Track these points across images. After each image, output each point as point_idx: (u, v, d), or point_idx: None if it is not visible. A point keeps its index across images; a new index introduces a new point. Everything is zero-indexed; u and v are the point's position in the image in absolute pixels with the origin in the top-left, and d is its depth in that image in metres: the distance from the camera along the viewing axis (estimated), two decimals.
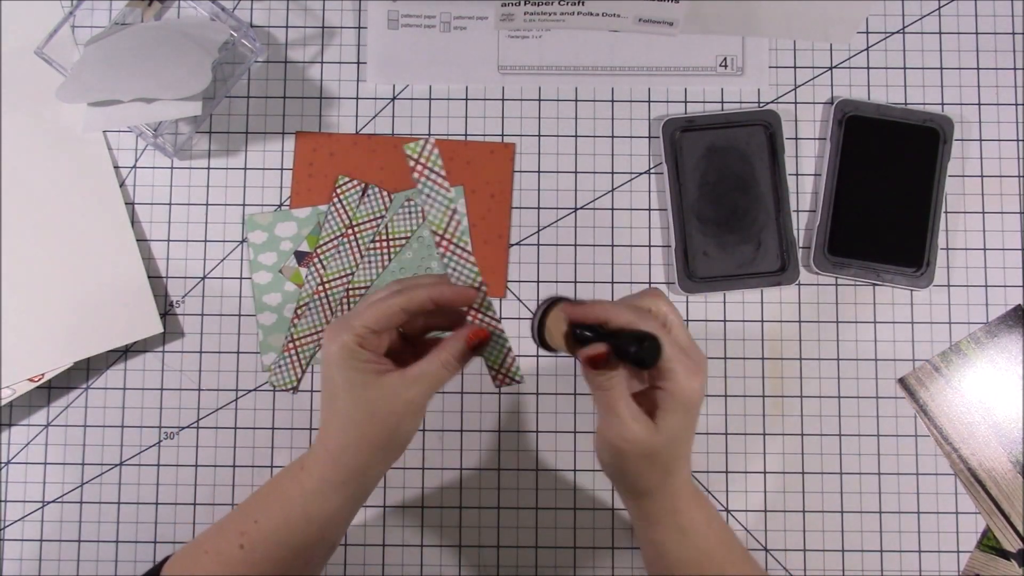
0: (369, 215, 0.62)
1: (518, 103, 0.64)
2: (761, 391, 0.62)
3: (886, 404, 0.62)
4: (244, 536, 0.45)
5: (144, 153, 0.64)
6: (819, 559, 0.61)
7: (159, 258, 0.63)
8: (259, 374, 0.62)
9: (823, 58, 0.64)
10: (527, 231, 0.63)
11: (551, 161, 0.64)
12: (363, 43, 0.64)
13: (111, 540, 0.61)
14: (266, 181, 0.63)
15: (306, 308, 0.62)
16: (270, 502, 0.46)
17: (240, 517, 0.47)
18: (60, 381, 0.62)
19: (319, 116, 0.64)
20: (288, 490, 0.45)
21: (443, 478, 0.61)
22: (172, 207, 0.63)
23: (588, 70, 0.64)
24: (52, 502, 0.62)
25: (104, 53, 0.59)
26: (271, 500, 0.46)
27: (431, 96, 0.64)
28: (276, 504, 0.46)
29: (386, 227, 0.62)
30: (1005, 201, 0.63)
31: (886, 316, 0.62)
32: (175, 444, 0.62)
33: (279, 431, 0.62)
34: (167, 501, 0.61)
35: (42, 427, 0.62)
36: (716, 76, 0.64)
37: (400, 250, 0.62)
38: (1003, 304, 0.62)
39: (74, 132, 0.63)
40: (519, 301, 0.62)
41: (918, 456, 0.61)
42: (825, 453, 0.61)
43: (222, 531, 0.47)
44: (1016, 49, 0.64)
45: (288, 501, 0.45)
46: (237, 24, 0.61)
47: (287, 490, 0.46)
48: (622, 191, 0.63)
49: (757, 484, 0.61)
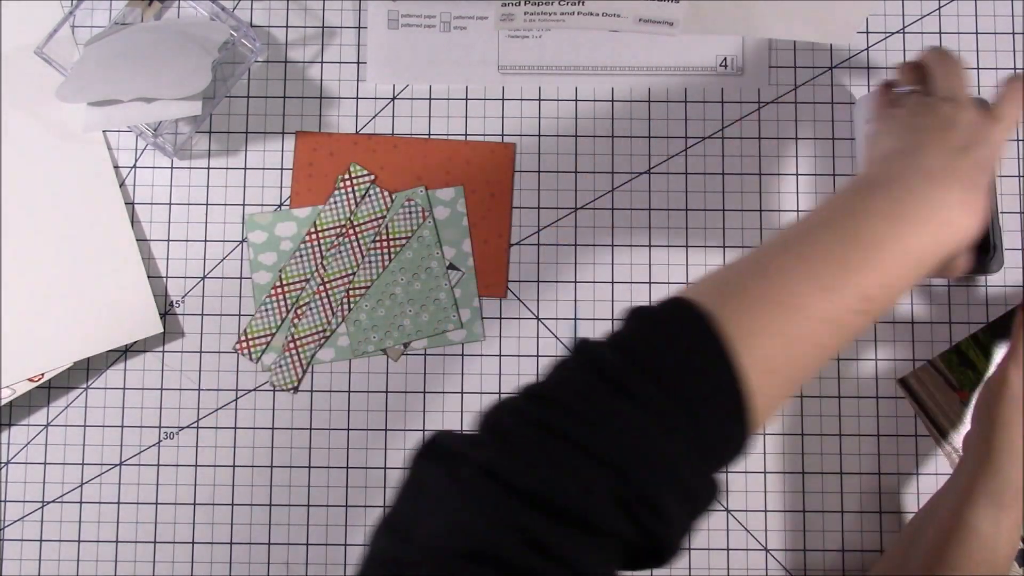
0: (370, 215, 0.62)
1: (518, 103, 0.64)
2: None
3: (886, 404, 0.62)
4: (869, 302, 0.38)
5: (144, 153, 0.64)
6: (819, 559, 0.61)
7: (159, 258, 0.63)
8: (259, 374, 0.62)
9: (823, 58, 0.64)
10: (527, 231, 0.63)
11: (551, 161, 0.64)
12: (363, 43, 0.64)
13: (111, 540, 0.61)
14: (266, 181, 0.63)
15: (306, 308, 0.62)
16: (895, 262, 0.39)
17: (856, 277, 0.38)
18: (60, 381, 0.62)
19: (319, 116, 0.64)
20: (916, 252, 0.40)
21: None
22: (172, 207, 0.63)
23: (588, 70, 0.64)
24: (52, 502, 0.62)
25: (104, 53, 0.59)
26: (895, 259, 0.39)
27: (431, 96, 0.64)
28: (906, 266, 0.40)
29: (387, 227, 0.62)
30: (1005, 201, 0.63)
31: (886, 316, 0.62)
32: (175, 444, 0.62)
33: (279, 431, 0.62)
34: (167, 501, 0.61)
35: (42, 427, 0.62)
36: (716, 76, 0.64)
37: (400, 250, 0.62)
38: (1003, 304, 0.62)
39: (74, 132, 0.63)
40: (519, 301, 0.62)
41: (918, 456, 0.61)
42: (825, 453, 0.61)
43: (831, 292, 0.38)
44: (1016, 49, 0.64)
45: (920, 264, 0.40)
46: (237, 24, 0.61)
47: (915, 252, 0.40)
48: (622, 191, 0.63)
49: (757, 484, 0.61)
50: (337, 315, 0.62)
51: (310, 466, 0.62)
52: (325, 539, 0.61)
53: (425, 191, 0.62)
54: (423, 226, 0.62)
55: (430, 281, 0.62)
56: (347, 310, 0.62)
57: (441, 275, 0.62)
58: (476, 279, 0.62)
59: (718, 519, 0.61)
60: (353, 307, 0.62)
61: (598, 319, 0.62)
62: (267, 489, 0.61)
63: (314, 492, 0.61)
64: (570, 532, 0.32)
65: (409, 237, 0.62)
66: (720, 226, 0.63)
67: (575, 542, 0.32)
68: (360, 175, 0.62)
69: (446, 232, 0.62)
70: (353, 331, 0.62)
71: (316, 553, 0.61)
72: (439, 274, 0.62)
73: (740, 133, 0.64)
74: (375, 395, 0.62)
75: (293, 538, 0.61)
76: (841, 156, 0.63)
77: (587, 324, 0.62)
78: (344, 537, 0.61)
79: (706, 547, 0.61)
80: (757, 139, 0.64)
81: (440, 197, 0.63)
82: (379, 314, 0.62)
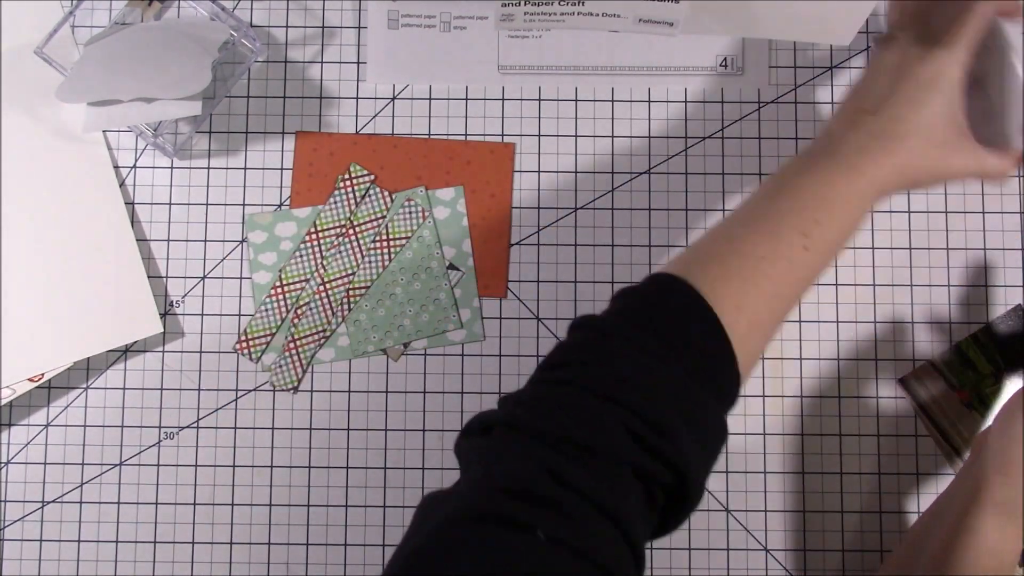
0: (370, 215, 0.62)
1: (518, 103, 0.64)
2: (761, 391, 0.62)
3: (886, 404, 0.62)
4: (807, 238, 0.42)
5: (144, 153, 0.64)
6: (819, 559, 0.61)
7: (159, 258, 0.63)
8: (259, 374, 0.62)
9: (823, 58, 0.64)
10: (527, 231, 0.63)
11: (551, 161, 0.64)
12: (363, 43, 0.64)
13: (111, 540, 0.61)
14: (266, 181, 0.63)
15: (306, 308, 0.62)
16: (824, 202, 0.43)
17: (792, 219, 0.43)
18: (60, 381, 0.62)
19: (319, 116, 0.64)
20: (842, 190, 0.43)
21: (443, 478, 0.61)
22: (172, 207, 0.63)
23: (588, 70, 0.64)
24: (52, 502, 0.62)
25: (104, 53, 0.59)
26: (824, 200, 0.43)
27: (431, 96, 0.64)
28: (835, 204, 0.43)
29: (387, 227, 0.62)
30: (1005, 201, 0.63)
31: (886, 316, 0.62)
32: (175, 444, 0.62)
33: (279, 431, 0.62)
34: (167, 501, 0.61)
35: (42, 427, 0.62)
36: (716, 76, 0.64)
37: (400, 250, 0.62)
38: (1003, 304, 0.62)
39: (74, 132, 0.63)
40: (519, 301, 0.62)
41: (918, 456, 0.61)
42: (825, 453, 0.61)
43: (774, 236, 0.43)
44: None
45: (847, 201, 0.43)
46: (237, 24, 0.61)
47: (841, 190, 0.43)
48: (622, 191, 0.63)
49: (757, 484, 0.61)
50: (337, 315, 0.62)
51: (310, 466, 0.62)
52: (325, 539, 0.61)
53: (425, 191, 0.62)
54: (423, 226, 0.62)
55: (430, 281, 0.62)
56: (347, 310, 0.62)
57: (441, 275, 0.62)
58: (476, 279, 0.62)
59: (718, 519, 0.61)
60: (353, 307, 0.62)
61: None
62: (267, 489, 0.61)
63: (314, 492, 0.61)
64: (587, 465, 0.36)
65: (409, 237, 0.62)
66: None
67: (593, 474, 0.35)
68: (360, 175, 0.62)
69: (446, 232, 0.62)
70: (353, 331, 0.62)
71: (316, 553, 0.61)
72: (439, 274, 0.62)
73: (740, 133, 0.64)
74: (375, 395, 0.62)
75: (293, 538, 0.61)
76: None
77: None
78: (344, 537, 0.61)
79: (706, 547, 0.61)
80: (757, 139, 0.64)
81: (440, 197, 0.63)
82: (379, 314, 0.62)
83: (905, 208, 0.63)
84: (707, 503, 0.61)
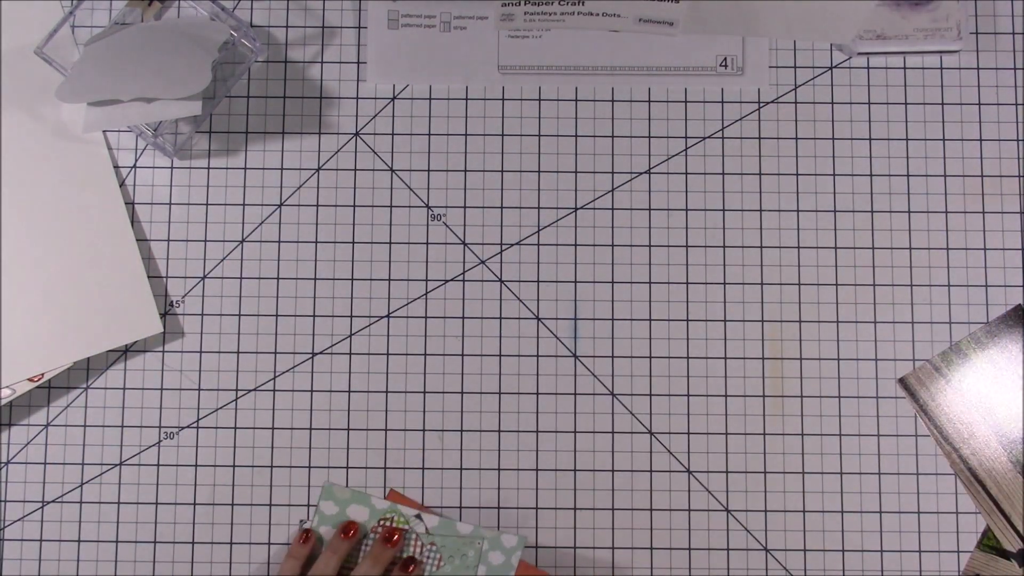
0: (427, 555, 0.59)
1: (518, 103, 0.64)
2: (761, 391, 0.62)
3: (886, 404, 0.62)
4: None
5: (144, 153, 0.64)
6: (819, 559, 0.61)
7: (159, 258, 0.63)
8: (259, 374, 0.62)
9: (823, 58, 0.64)
10: (527, 231, 0.63)
11: (551, 161, 0.64)
12: (363, 43, 0.64)
13: (111, 540, 0.61)
14: (266, 181, 0.63)
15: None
16: None
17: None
18: (60, 381, 0.62)
19: (319, 116, 0.64)
20: None
21: (443, 478, 0.61)
22: (172, 207, 0.63)
23: (588, 70, 0.64)
24: (52, 502, 0.62)
25: (104, 53, 0.59)
26: None
27: (431, 96, 0.64)
28: None
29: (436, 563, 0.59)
30: (1005, 201, 0.63)
31: (886, 316, 0.62)
32: (175, 444, 0.62)
33: (279, 431, 0.62)
34: (167, 501, 0.61)
35: (42, 427, 0.62)
36: (716, 76, 0.64)
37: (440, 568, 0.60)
38: (1003, 304, 0.62)
39: (74, 132, 0.63)
40: (519, 301, 0.62)
41: (918, 456, 0.61)
42: (825, 453, 0.61)
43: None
44: (1016, 49, 0.64)
45: None
46: (237, 24, 0.61)
47: None
48: (622, 191, 0.63)
49: (757, 484, 0.61)
50: None
51: (310, 466, 0.62)
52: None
53: (484, 541, 0.59)
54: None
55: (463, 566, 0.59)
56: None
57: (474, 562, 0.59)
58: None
59: (718, 519, 0.61)
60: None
61: (598, 319, 0.62)
62: (267, 489, 0.61)
63: (314, 492, 0.61)
64: None
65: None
66: (720, 226, 0.63)
67: None
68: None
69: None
70: None
71: None
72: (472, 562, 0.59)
73: (740, 133, 0.64)
74: (375, 395, 0.62)
75: (293, 538, 0.61)
76: (841, 156, 0.63)
77: (587, 324, 0.62)
78: None
79: (706, 547, 0.61)
80: (757, 139, 0.64)
81: (501, 543, 0.59)
82: None
83: (905, 208, 0.63)
84: (707, 503, 0.61)
